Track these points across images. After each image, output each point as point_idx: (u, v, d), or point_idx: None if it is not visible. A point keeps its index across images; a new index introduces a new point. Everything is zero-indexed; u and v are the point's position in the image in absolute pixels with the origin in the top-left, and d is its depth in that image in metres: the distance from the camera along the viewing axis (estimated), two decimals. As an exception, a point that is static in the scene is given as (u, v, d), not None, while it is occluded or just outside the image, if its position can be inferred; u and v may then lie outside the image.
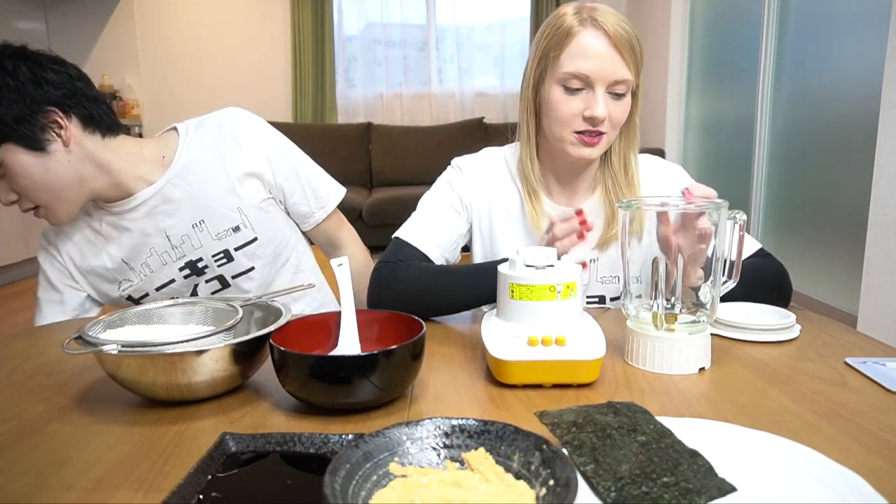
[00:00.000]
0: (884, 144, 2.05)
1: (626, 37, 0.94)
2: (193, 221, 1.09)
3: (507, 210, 1.10)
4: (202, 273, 1.11)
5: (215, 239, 1.10)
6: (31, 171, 0.97)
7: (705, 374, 0.74)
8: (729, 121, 3.71)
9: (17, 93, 0.94)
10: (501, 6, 5.12)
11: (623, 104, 0.97)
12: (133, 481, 0.52)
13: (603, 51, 0.94)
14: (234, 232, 1.10)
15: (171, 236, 1.09)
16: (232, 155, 1.10)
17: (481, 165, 1.12)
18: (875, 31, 2.40)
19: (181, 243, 1.10)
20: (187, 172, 1.09)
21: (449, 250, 1.08)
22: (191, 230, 1.09)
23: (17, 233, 3.66)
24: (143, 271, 1.11)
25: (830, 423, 0.60)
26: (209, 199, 1.09)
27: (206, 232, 1.10)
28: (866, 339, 0.86)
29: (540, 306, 0.72)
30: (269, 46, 5.09)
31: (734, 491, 0.45)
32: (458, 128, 4.91)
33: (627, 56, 0.94)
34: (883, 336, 1.93)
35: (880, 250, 2.06)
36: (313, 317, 0.77)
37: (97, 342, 0.64)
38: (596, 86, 0.95)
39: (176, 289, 1.12)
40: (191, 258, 1.10)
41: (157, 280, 1.11)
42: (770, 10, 3.20)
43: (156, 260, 1.10)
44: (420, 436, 0.49)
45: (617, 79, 0.94)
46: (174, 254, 1.10)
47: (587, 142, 0.98)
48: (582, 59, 0.94)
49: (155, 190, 1.08)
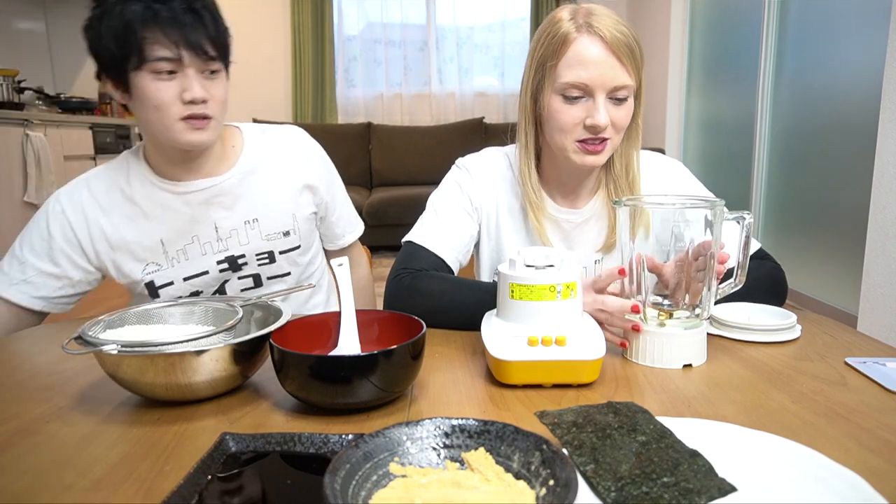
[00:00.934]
0: (884, 144, 2.05)
1: (624, 40, 0.92)
2: (247, 218, 1.10)
3: (511, 211, 1.09)
4: (239, 269, 1.11)
5: (264, 239, 1.12)
6: (227, 89, 1.04)
7: (705, 375, 0.74)
8: (729, 120, 3.72)
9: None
10: (501, 6, 5.12)
11: (625, 108, 0.95)
12: (133, 481, 0.52)
13: (601, 58, 0.91)
14: (283, 236, 1.13)
15: (220, 228, 1.09)
16: (296, 165, 1.15)
17: (486, 166, 1.11)
18: (875, 31, 2.40)
19: (228, 237, 1.09)
20: (252, 172, 1.11)
21: (462, 253, 1.07)
22: (242, 226, 1.10)
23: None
24: (177, 258, 1.08)
25: (830, 423, 0.60)
26: (268, 200, 1.12)
27: (256, 230, 1.11)
28: (866, 339, 0.86)
29: (540, 306, 0.72)
30: (269, 46, 5.09)
31: (734, 491, 0.45)
32: (458, 128, 4.91)
33: (626, 60, 0.92)
34: (883, 336, 1.93)
35: (880, 250, 2.06)
36: (313, 317, 0.77)
37: (97, 342, 0.64)
38: (596, 93, 0.93)
39: (205, 281, 1.10)
40: (233, 253, 1.10)
41: (189, 269, 1.09)
42: (770, 9, 3.20)
43: (195, 249, 1.08)
44: (420, 436, 0.49)
45: (617, 85, 0.92)
46: (217, 246, 1.09)
47: (590, 150, 0.96)
48: (580, 67, 0.92)
49: (220, 180, 1.08)
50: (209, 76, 0.98)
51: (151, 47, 0.92)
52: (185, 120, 0.97)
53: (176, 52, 0.93)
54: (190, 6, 0.94)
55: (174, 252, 1.08)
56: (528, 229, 1.08)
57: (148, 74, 0.93)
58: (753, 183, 3.35)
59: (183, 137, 0.98)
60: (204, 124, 0.99)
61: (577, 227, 1.08)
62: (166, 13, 0.91)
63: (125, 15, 0.90)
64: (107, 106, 4.93)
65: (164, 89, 0.94)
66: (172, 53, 0.92)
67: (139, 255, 1.07)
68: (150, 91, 0.94)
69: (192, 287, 1.09)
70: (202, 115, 0.98)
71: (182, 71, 0.95)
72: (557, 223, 1.08)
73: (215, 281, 1.11)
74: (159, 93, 0.94)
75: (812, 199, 2.94)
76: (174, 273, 1.08)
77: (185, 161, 1.05)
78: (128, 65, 0.93)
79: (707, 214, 0.76)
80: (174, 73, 0.95)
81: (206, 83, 0.97)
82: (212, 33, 0.96)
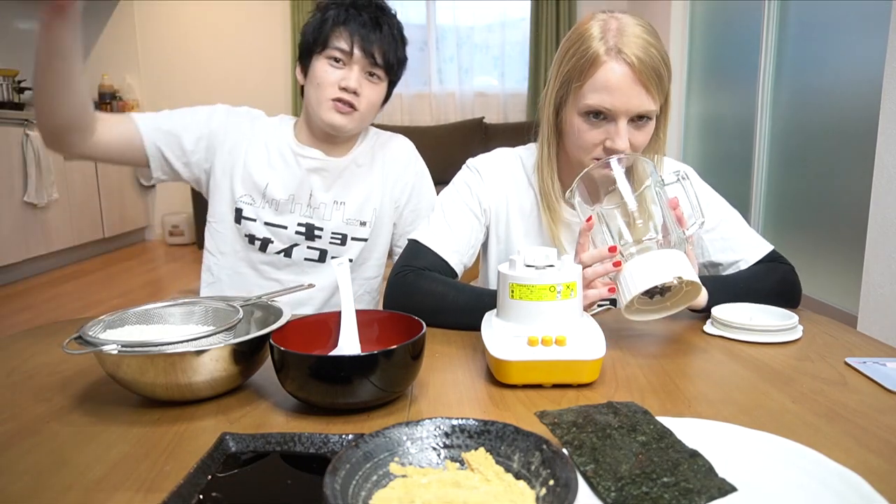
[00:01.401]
0: (884, 144, 2.05)
1: (652, 64, 0.90)
2: (336, 199, 1.23)
3: (523, 213, 1.09)
4: (313, 239, 1.23)
5: (343, 221, 1.23)
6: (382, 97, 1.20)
7: (706, 375, 0.74)
8: (729, 121, 3.71)
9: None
10: (501, 6, 5.12)
11: (646, 131, 0.95)
12: (133, 481, 0.52)
13: (628, 85, 0.90)
14: (360, 226, 1.24)
15: (314, 197, 1.22)
16: (392, 172, 1.27)
17: (497, 167, 1.11)
18: (875, 31, 2.40)
19: (316, 207, 1.22)
20: (357, 164, 1.25)
21: (467, 255, 1.07)
22: (331, 204, 1.23)
23: (17, 233, 3.66)
24: (270, 204, 1.21)
25: (830, 423, 0.60)
26: (360, 191, 1.24)
27: (340, 212, 1.23)
28: (866, 339, 0.86)
29: (540, 306, 0.72)
30: (269, 46, 5.09)
31: (734, 491, 0.45)
32: (457, 128, 4.91)
33: (653, 86, 0.91)
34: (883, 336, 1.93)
35: (880, 250, 2.06)
36: (313, 317, 0.77)
37: (97, 342, 0.64)
38: (619, 118, 0.92)
39: (279, 234, 1.21)
40: (314, 223, 1.22)
41: (273, 217, 1.21)
42: (770, 10, 3.20)
43: (287, 204, 1.21)
44: (420, 436, 0.49)
45: (640, 112, 0.92)
46: (305, 211, 1.22)
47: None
48: (605, 93, 0.91)
49: (331, 160, 1.22)
50: (369, 78, 1.15)
51: (334, 40, 1.12)
52: (334, 101, 1.13)
53: (349, 48, 1.12)
54: (377, 20, 1.13)
55: (270, 197, 1.21)
56: (540, 231, 1.08)
57: (324, 59, 1.14)
58: (753, 183, 3.34)
59: (327, 115, 1.14)
60: (348, 111, 1.14)
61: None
62: (355, 19, 1.12)
63: (326, 15, 1.14)
64: (107, 106, 4.93)
65: (330, 72, 1.13)
66: (346, 47, 1.12)
67: (245, 183, 1.21)
68: (319, 71, 1.14)
69: (268, 232, 1.21)
70: (349, 103, 1.13)
71: (349, 65, 1.13)
72: (570, 226, 1.08)
73: (288, 240, 1.22)
74: (325, 74, 1.13)
75: (812, 199, 2.94)
76: (260, 212, 1.21)
77: (323, 141, 1.22)
78: (314, 49, 1.14)
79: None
80: (342, 65, 1.13)
81: (364, 81, 1.14)
82: (385, 46, 1.14)
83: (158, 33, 5.09)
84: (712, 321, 0.90)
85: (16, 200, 3.65)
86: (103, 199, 4.49)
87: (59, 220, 4.01)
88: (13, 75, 4.13)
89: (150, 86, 5.14)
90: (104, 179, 4.50)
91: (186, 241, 5.09)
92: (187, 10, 5.06)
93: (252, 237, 1.21)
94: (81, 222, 4.25)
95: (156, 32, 5.09)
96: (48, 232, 3.92)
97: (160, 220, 5.22)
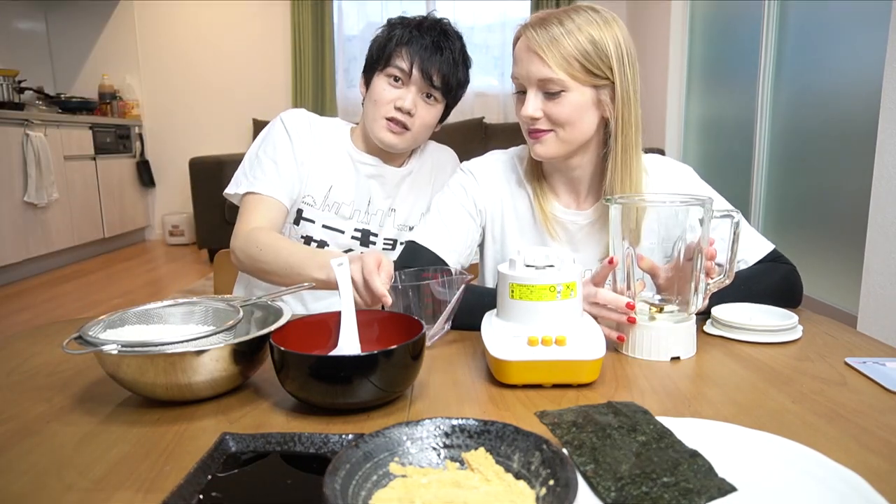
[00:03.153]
0: (884, 144, 2.05)
1: (551, 34, 0.95)
2: (390, 206, 1.28)
3: (517, 213, 1.11)
4: (367, 245, 1.26)
5: (395, 227, 1.28)
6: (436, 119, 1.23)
7: (706, 375, 0.74)
8: (729, 121, 3.71)
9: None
10: (501, 6, 5.12)
11: (562, 103, 0.97)
12: (133, 481, 0.52)
13: (526, 54, 0.97)
14: (409, 231, 1.28)
15: (372, 204, 1.26)
16: (438, 181, 1.31)
17: (491, 169, 1.13)
18: (875, 31, 2.40)
19: (374, 214, 1.26)
20: (411, 174, 1.29)
21: (464, 255, 1.09)
22: (386, 211, 1.28)
23: (17, 233, 3.66)
24: (331, 207, 1.23)
25: (830, 423, 0.60)
26: (410, 199, 1.29)
27: (392, 219, 1.28)
28: (866, 339, 0.86)
29: (540, 306, 0.72)
30: (269, 46, 5.09)
31: (734, 491, 0.45)
32: (458, 128, 4.90)
33: (550, 57, 0.94)
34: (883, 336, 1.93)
35: (880, 250, 2.06)
36: (313, 317, 0.77)
37: (97, 342, 0.64)
38: (528, 87, 0.99)
39: (335, 238, 1.24)
40: (369, 229, 1.26)
41: (332, 221, 1.23)
42: (770, 11, 3.20)
43: (347, 209, 1.24)
44: (420, 436, 0.49)
45: (540, 78, 0.96)
46: (363, 217, 1.26)
47: (533, 137, 1.01)
48: (516, 64, 1.00)
49: (387, 169, 1.25)
50: (426, 99, 1.18)
51: (395, 59, 1.15)
52: (388, 121, 1.16)
53: (408, 68, 1.14)
54: (438, 44, 1.15)
55: (332, 201, 1.23)
56: (536, 230, 1.10)
57: (384, 77, 1.17)
58: (753, 183, 3.34)
59: (380, 133, 1.18)
60: (400, 131, 1.17)
61: (583, 230, 1.09)
62: (417, 41, 1.15)
63: (392, 33, 1.17)
64: (107, 106, 4.93)
65: (387, 91, 1.16)
66: (405, 67, 1.15)
67: (309, 185, 1.22)
68: (378, 88, 1.17)
69: (324, 234, 1.23)
70: (402, 123, 1.16)
71: (407, 85, 1.16)
72: (563, 225, 1.09)
73: (343, 244, 1.25)
74: (383, 92, 1.16)
75: (812, 199, 2.94)
76: (320, 215, 1.23)
77: (378, 154, 1.25)
78: (377, 66, 1.18)
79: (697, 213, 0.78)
80: (401, 85, 1.16)
81: (420, 102, 1.17)
82: (444, 70, 1.15)
83: (158, 33, 5.09)
84: (712, 321, 0.90)
85: (16, 200, 3.65)
86: (103, 199, 4.49)
87: (59, 220, 4.01)
88: (13, 75, 4.13)
89: (150, 86, 5.14)
90: (104, 179, 4.51)
91: (186, 241, 5.09)
92: (187, 10, 5.06)
93: (309, 238, 1.22)
94: (81, 222, 4.25)
95: (156, 32, 5.08)
96: (48, 232, 3.92)
97: (160, 220, 5.22)
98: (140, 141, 5.10)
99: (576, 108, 0.98)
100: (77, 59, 5.07)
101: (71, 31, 5.03)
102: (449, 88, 1.18)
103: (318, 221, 1.22)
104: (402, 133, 1.17)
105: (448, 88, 1.17)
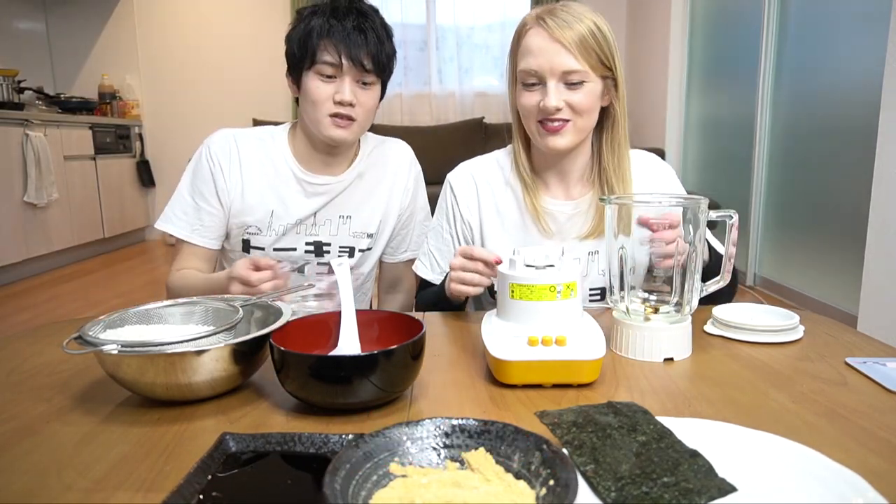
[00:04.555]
0: (884, 144, 2.05)
1: (571, 29, 0.97)
2: (342, 214, 1.25)
3: (500, 213, 1.13)
4: (322, 255, 1.25)
5: (350, 235, 1.26)
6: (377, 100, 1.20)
7: (706, 375, 0.74)
8: (729, 121, 3.71)
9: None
10: (501, 6, 5.12)
11: (583, 92, 0.99)
12: (133, 481, 0.52)
13: (546, 46, 0.98)
14: (367, 237, 1.27)
15: (318, 216, 1.23)
16: (393, 178, 1.29)
17: (468, 179, 1.17)
18: (875, 31, 2.40)
19: (322, 225, 1.23)
20: (360, 176, 1.26)
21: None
22: (336, 219, 1.24)
23: (17, 233, 3.66)
24: (277, 231, 1.21)
25: (830, 423, 0.60)
26: (367, 203, 1.26)
27: (347, 226, 1.25)
28: (866, 339, 0.86)
29: (540, 306, 0.72)
30: (269, 46, 5.08)
31: (734, 491, 0.45)
32: (458, 128, 4.91)
33: (574, 48, 0.97)
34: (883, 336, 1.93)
35: (880, 250, 2.06)
36: (313, 317, 0.77)
37: (97, 342, 0.64)
38: (547, 79, 0.99)
39: (290, 256, 1.22)
40: (321, 240, 1.24)
41: (281, 243, 1.22)
42: (770, 9, 3.20)
43: (293, 229, 1.22)
44: (420, 436, 0.49)
45: (565, 69, 0.97)
46: (311, 230, 1.23)
47: (550, 129, 1.01)
48: (530, 56, 1.00)
49: (335, 180, 1.22)
50: (362, 86, 1.14)
51: (321, 53, 1.10)
52: (332, 117, 1.13)
53: (337, 60, 1.10)
54: (360, 26, 1.11)
55: (277, 226, 1.21)
56: (521, 225, 1.12)
57: (314, 75, 1.12)
58: (753, 183, 3.34)
59: (327, 131, 1.14)
60: (347, 124, 1.14)
61: (572, 219, 1.11)
62: (338, 28, 1.10)
63: (309, 26, 1.11)
64: (107, 106, 4.93)
65: (323, 88, 1.12)
66: (334, 60, 1.10)
67: (250, 215, 1.20)
68: (312, 88, 1.12)
69: (276, 256, 1.21)
70: (347, 116, 1.13)
71: (340, 77, 1.12)
72: (553, 216, 1.11)
73: (298, 259, 1.23)
74: (318, 91, 1.12)
75: (812, 199, 2.94)
76: (268, 240, 1.21)
77: (325, 153, 1.21)
78: (303, 65, 1.12)
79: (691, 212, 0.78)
80: (333, 78, 1.12)
81: (358, 91, 1.13)
82: (372, 50, 1.11)
83: (158, 33, 5.09)
84: (712, 321, 0.90)
85: (16, 200, 3.65)
86: (103, 199, 4.49)
87: (59, 220, 4.01)
88: (13, 75, 4.13)
89: (150, 86, 5.14)
90: (104, 179, 4.51)
91: (186, 241, 5.08)
92: (187, 10, 5.06)
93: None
94: (81, 222, 4.25)
95: (156, 32, 5.08)
96: (48, 232, 3.92)
97: (160, 220, 5.21)
98: (140, 141, 5.10)
99: (594, 97, 1.02)
100: (77, 59, 5.07)
101: (71, 31, 5.03)
102: (382, 67, 1.14)
103: (268, 248, 1.21)
104: (349, 125, 1.14)
105: (381, 68, 1.14)
